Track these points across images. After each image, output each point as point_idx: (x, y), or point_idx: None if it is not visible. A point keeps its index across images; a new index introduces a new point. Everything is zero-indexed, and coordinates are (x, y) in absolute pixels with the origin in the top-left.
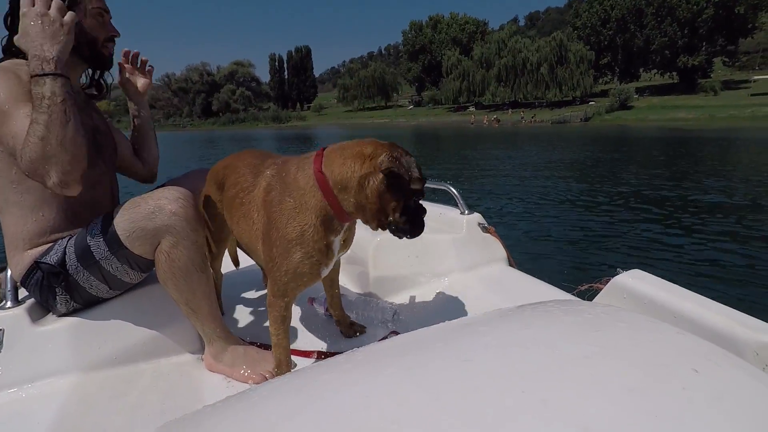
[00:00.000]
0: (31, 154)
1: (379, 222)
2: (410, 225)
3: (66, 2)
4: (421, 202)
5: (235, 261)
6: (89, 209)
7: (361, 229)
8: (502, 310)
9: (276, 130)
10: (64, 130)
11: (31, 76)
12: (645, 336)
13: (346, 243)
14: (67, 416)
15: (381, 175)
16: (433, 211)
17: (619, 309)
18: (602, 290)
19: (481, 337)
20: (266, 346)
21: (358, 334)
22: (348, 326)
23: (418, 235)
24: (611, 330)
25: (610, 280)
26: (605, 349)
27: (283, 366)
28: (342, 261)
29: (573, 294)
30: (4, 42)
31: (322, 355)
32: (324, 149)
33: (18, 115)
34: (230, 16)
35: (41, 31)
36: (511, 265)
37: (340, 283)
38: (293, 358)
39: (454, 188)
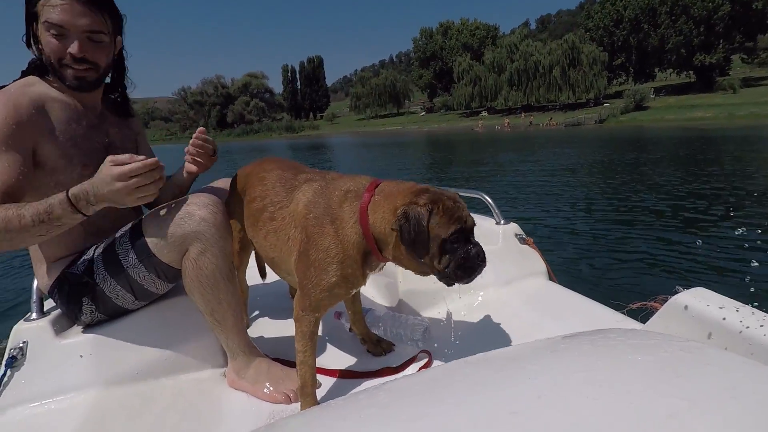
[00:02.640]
0: None
1: (420, 272)
2: (457, 270)
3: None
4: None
5: (263, 273)
6: (112, 222)
7: None
8: (553, 340)
9: (289, 140)
10: (20, 238)
11: (69, 195)
12: (745, 385)
13: None
14: None
15: (394, 233)
16: None
17: (702, 345)
18: (659, 311)
19: (530, 379)
20: (291, 363)
21: (385, 353)
22: (374, 344)
23: (468, 281)
24: (699, 376)
25: (666, 298)
26: (696, 404)
27: (308, 387)
28: None
29: (623, 313)
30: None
31: (346, 375)
32: (377, 185)
33: None
34: (244, 29)
35: (115, 192)
36: (551, 279)
37: (368, 296)
38: (317, 376)
39: (489, 196)
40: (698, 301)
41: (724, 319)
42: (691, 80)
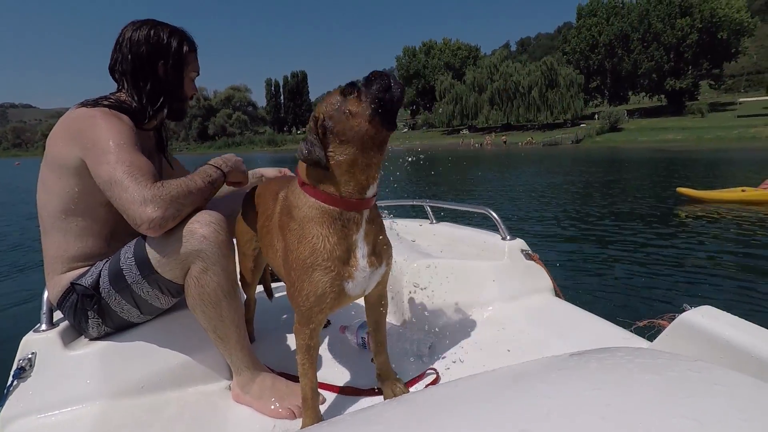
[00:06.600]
0: (172, 190)
1: (372, 143)
2: (377, 95)
3: (173, 62)
4: (457, 226)
5: (269, 294)
6: (127, 235)
7: (397, 256)
8: (560, 357)
9: (271, 154)
10: (198, 199)
11: (211, 163)
12: (754, 406)
13: (379, 254)
14: None
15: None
16: (473, 237)
17: (710, 365)
18: (666, 329)
19: (539, 397)
20: (295, 378)
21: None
22: (389, 383)
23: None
24: (708, 396)
25: (674, 317)
26: (704, 425)
27: (308, 400)
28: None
29: (630, 330)
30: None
31: (351, 391)
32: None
33: (134, 148)
34: (228, 42)
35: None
36: (557, 295)
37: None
38: (321, 391)
39: (495, 212)
40: (706, 319)
41: (732, 338)
42: (662, 104)
